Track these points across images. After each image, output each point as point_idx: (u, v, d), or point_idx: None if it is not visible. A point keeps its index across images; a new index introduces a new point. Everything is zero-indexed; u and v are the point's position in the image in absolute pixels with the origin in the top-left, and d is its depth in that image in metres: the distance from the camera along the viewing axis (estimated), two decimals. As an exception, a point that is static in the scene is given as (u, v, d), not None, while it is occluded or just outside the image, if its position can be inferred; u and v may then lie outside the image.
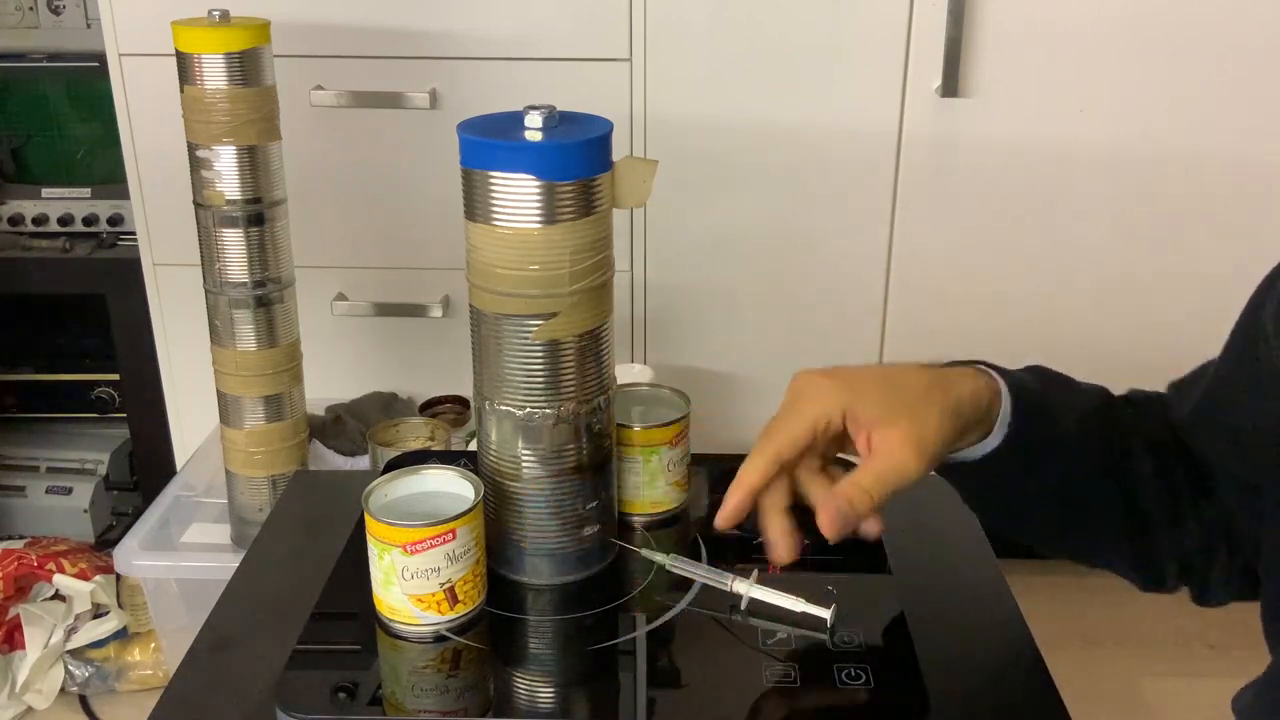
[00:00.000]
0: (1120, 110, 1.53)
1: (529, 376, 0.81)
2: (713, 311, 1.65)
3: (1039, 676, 0.80)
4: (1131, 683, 1.69)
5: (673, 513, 0.94)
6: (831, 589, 0.82)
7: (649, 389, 0.98)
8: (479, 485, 0.81)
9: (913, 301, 1.63)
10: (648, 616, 0.82)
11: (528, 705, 0.75)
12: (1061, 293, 1.61)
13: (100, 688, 1.70)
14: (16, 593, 1.70)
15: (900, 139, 1.55)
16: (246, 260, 1.35)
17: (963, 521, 1.01)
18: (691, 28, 1.51)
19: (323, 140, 1.57)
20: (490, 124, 0.80)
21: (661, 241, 1.61)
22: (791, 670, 0.75)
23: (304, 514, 1.05)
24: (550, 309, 0.79)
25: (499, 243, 0.78)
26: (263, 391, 1.41)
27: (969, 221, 1.59)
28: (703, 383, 1.67)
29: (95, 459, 1.99)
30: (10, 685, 1.66)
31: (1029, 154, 1.55)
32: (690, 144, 1.56)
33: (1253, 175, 1.55)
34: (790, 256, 1.61)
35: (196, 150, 1.32)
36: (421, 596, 0.78)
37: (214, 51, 1.28)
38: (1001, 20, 1.49)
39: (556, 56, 1.53)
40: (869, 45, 1.51)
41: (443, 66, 1.54)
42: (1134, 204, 1.57)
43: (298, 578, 0.89)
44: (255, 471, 1.43)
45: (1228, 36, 1.49)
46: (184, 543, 1.48)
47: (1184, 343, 1.63)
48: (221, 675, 0.81)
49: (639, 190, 0.81)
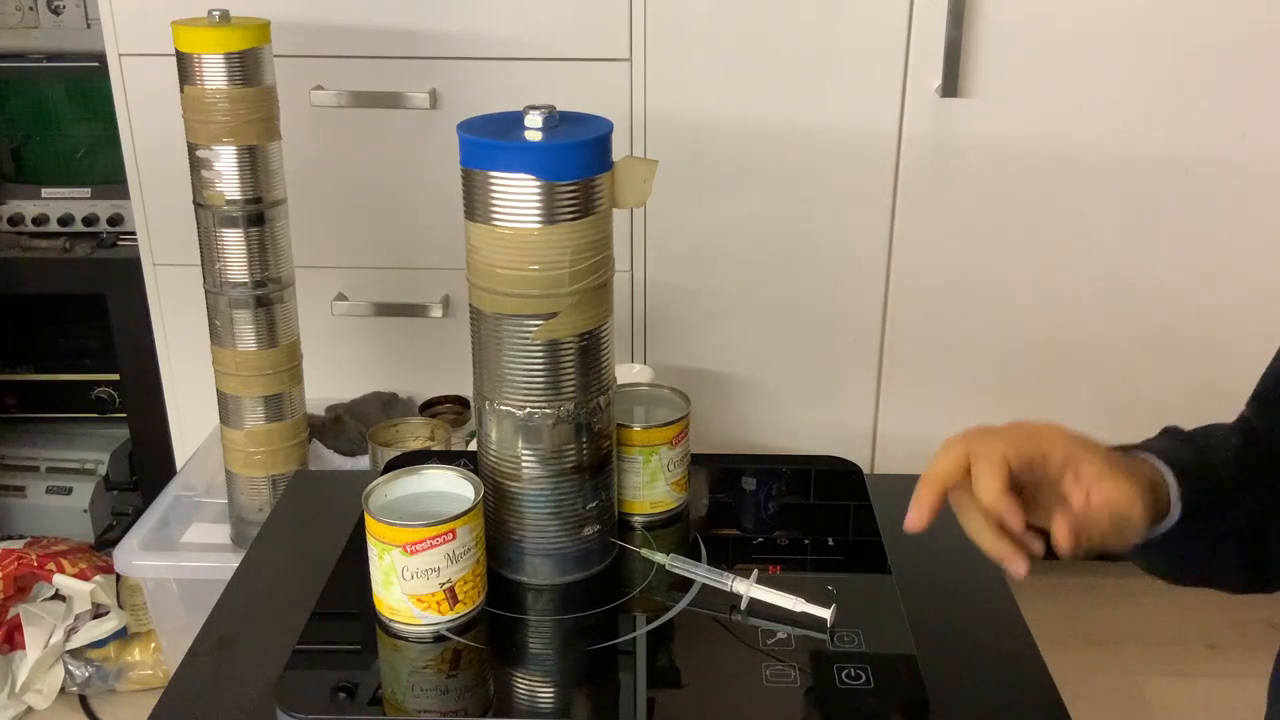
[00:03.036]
0: (1120, 110, 1.53)
1: (529, 376, 0.81)
2: (713, 311, 1.65)
3: (1039, 676, 0.80)
4: (1131, 683, 1.69)
5: (673, 513, 0.94)
6: (831, 589, 0.82)
7: (649, 389, 0.98)
8: (479, 485, 0.81)
9: (913, 301, 1.63)
10: (648, 616, 0.82)
11: (528, 705, 0.75)
12: (1062, 292, 1.61)
13: (100, 688, 1.70)
14: (16, 593, 1.70)
15: (900, 139, 1.55)
16: (246, 260, 1.35)
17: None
18: (691, 28, 1.51)
19: (323, 140, 1.57)
20: (490, 124, 0.81)
21: (661, 241, 1.61)
22: (791, 670, 0.75)
23: (304, 514, 1.05)
24: (550, 309, 0.79)
25: (499, 243, 0.78)
26: (263, 391, 1.41)
27: (969, 221, 1.59)
28: (703, 383, 1.67)
29: (95, 459, 1.99)
30: (10, 685, 1.66)
31: (1029, 154, 1.55)
32: (690, 144, 1.56)
33: (1252, 175, 1.55)
34: (790, 256, 1.61)
35: (196, 150, 1.32)
36: (421, 596, 0.78)
37: (214, 51, 1.28)
38: (1001, 20, 1.49)
39: (556, 56, 1.53)
40: (869, 45, 1.51)
41: (443, 66, 1.54)
42: (1134, 204, 1.57)
43: (298, 578, 0.89)
44: (255, 471, 1.43)
45: (1228, 36, 1.49)
46: (184, 543, 1.48)
47: (1184, 342, 1.63)
48: (221, 675, 0.81)
49: (639, 190, 0.81)
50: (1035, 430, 0.73)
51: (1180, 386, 1.64)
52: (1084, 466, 0.71)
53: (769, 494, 0.99)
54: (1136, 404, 1.66)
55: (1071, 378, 1.65)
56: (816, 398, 1.68)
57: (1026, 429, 0.73)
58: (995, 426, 0.74)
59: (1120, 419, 1.67)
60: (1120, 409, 1.67)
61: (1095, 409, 1.67)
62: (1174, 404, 1.65)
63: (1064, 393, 1.66)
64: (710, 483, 1.01)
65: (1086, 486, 0.71)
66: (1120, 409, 1.67)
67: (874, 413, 1.69)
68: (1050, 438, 0.72)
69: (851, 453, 1.04)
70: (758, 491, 1.00)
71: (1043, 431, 0.73)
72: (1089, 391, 1.66)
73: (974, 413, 1.72)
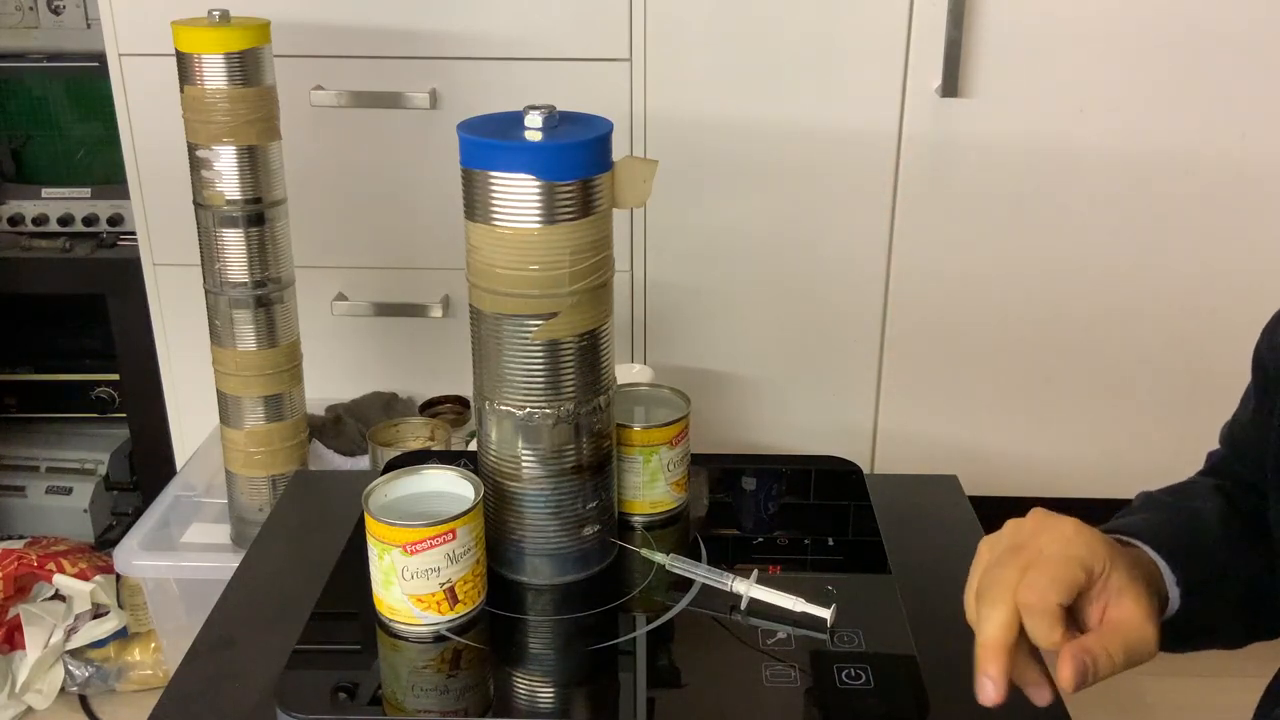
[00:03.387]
0: (1120, 110, 1.53)
1: (529, 376, 0.81)
2: (713, 311, 1.65)
3: (1039, 676, 0.80)
4: (1131, 683, 1.69)
5: (673, 513, 0.94)
6: (831, 589, 0.82)
7: (649, 389, 0.98)
8: (479, 485, 0.81)
9: (913, 301, 1.63)
10: (648, 616, 0.82)
11: (528, 705, 0.75)
12: (1062, 293, 1.61)
13: (100, 688, 1.70)
14: (16, 593, 1.70)
15: (900, 139, 1.55)
16: (246, 260, 1.35)
17: (963, 521, 1.01)
18: (691, 28, 1.51)
19: (323, 140, 1.57)
20: (490, 124, 0.81)
21: (661, 241, 1.61)
22: (791, 670, 0.75)
23: (304, 514, 1.05)
24: (550, 309, 0.79)
25: (499, 243, 0.78)
26: (263, 391, 1.41)
27: (969, 221, 1.58)
28: (703, 383, 1.67)
29: (95, 459, 1.99)
30: (10, 685, 1.66)
31: (1029, 154, 1.55)
32: (690, 144, 1.55)
33: (1253, 175, 1.55)
34: (790, 256, 1.61)
35: (196, 150, 1.32)
36: (421, 596, 0.78)
37: (214, 51, 1.28)
38: (1001, 20, 1.49)
39: (556, 56, 1.53)
40: (869, 45, 1.51)
41: (443, 66, 1.54)
42: (1134, 204, 1.57)
43: (298, 578, 0.89)
44: (255, 471, 1.43)
45: (1228, 36, 1.49)
46: (184, 543, 1.48)
47: (1184, 342, 1.63)
48: (221, 675, 0.81)
49: (639, 190, 0.81)
50: (1071, 554, 0.67)
51: (1180, 386, 1.64)
52: (1113, 577, 0.68)
53: (769, 494, 0.99)
54: (1136, 403, 1.66)
55: (1071, 378, 1.65)
56: (816, 397, 1.68)
57: (1064, 557, 0.67)
58: (1024, 558, 0.68)
59: (1120, 419, 1.67)
60: (1120, 408, 1.67)
61: (1095, 409, 1.67)
62: (1174, 404, 1.65)
63: (1064, 392, 1.66)
64: (710, 483, 1.01)
65: (1105, 601, 0.68)
66: (1120, 408, 1.67)
67: (874, 413, 1.69)
68: (1089, 554, 0.67)
69: (851, 453, 1.04)
70: (758, 491, 1.00)
71: (1077, 551, 0.67)
72: (1089, 391, 1.66)
73: (974, 412, 1.73)
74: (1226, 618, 0.80)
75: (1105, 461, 1.69)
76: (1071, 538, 0.68)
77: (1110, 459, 1.69)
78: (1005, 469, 1.69)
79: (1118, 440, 1.68)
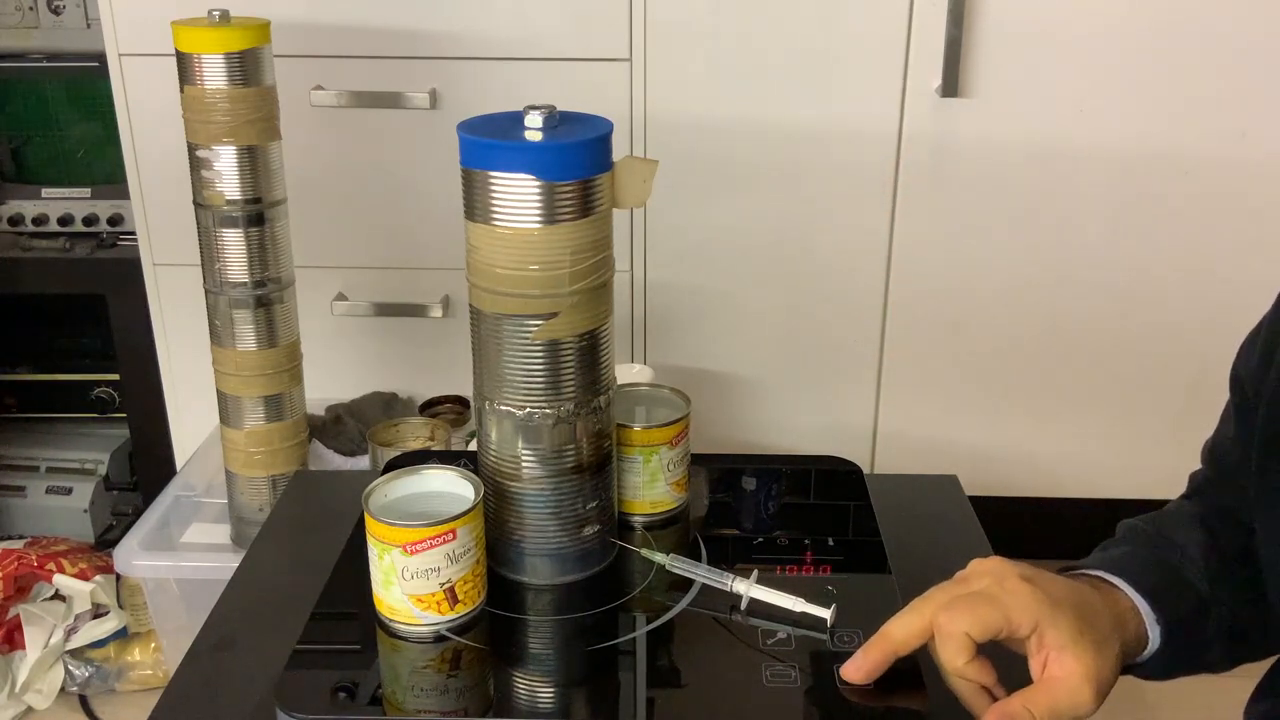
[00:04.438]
0: (1120, 110, 1.53)
1: (529, 376, 0.81)
2: (713, 311, 1.65)
3: (1039, 676, 0.80)
4: (1132, 682, 1.68)
5: (673, 513, 0.94)
6: (831, 589, 0.82)
7: (649, 389, 0.98)
8: (479, 485, 0.81)
9: (913, 301, 1.63)
10: (648, 616, 0.82)
11: (528, 705, 0.75)
12: (1061, 293, 1.61)
13: (100, 688, 1.70)
14: (16, 593, 1.70)
15: (900, 139, 1.55)
16: (246, 260, 1.35)
17: (963, 521, 1.01)
18: (691, 28, 1.51)
19: (323, 140, 1.57)
20: (490, 124, 0.81)
21: (661, 241, 1.61)
22: (791, 670, 0.75)
23: (304, 514, 1.05)
24: (550, 309, 0.79)
25: (499, 243, 0.78)
26: (263, 391, 1.41)
27: (969, 221, 1.58)
28: (703, 383, 1.67)
29: (95, 459, 1.99)
30: (10, 685, 1.66)
31: (1029, 154, 1.55)
32: (690, 144, 1.55)
33: (1253, 175, 1.55)
34: (790, 256, 1.61)
35: (196, 150, 1.32)
36: (421, 596, 0.78)
37: (214, 51, 1.28)
38: (1001, 20, 1.49)
39: (556, 56, 1.53)
40: (869, 45, 1.51)
41: (443, 66, 1.54)
42: (1134, 204, 1.57)
43: (298, 578, 0.89)
44: (255, 471, 1.43)
45: (1227, 37, 1.49)
46: (184, 543, 1.48)
47: (1184, 342, 1.63)
48: (221, 675, 0.82)
49: (639, 190, 0.81)
50: (1001, 599, 0.70)
51: (1180, 386, 1.64)
52: (1049, 634, 0.69)
53: (769, 494, 0.99)
54: (1136, 404, 1.66)
55: (1071, 378, 1.65)
56: (816, 398, 1.68)
57: (991, 598, 0.70)
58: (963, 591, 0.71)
59: (1120, 418, 1.67)
60: (1120, 408, 1.67)
61: (1095, 409, 1.67)
62: (1174, 403, 1.65)
63: (1064, 392, 1.66)
64: (710, 483, 1.01)
65: (1045, 655, 0.69)
66: (1120, 408, 1.67)
67: (874, 413, 1.69)
68: (1018, 606, 0.69)
69: (851, 453, 1.04)
70: (758, 491, 1.00)
71: (1011, 600, 0.69)
72: (1089, 391, 1.66)
73: (974, 412, 1.73)
74: (1210, 649, 0.81)
75: (1105, 461, 1.69)
76: (1012, 588, 0.70)
77: (1110, 459, 1.69)
78: (1005, 469, 1.69)
79: (1117, 440, 1.68)
